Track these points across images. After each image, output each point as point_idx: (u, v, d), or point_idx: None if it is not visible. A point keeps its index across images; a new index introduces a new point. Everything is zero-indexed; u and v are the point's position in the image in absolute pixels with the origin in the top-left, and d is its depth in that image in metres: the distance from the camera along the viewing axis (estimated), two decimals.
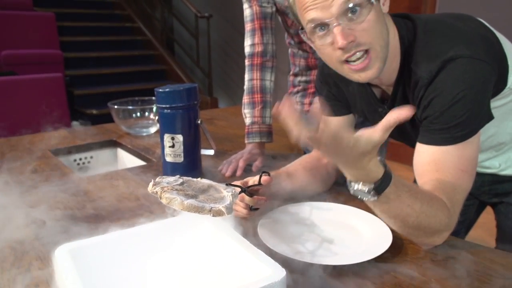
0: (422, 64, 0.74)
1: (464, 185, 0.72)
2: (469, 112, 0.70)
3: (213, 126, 1.74)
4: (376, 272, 0.67)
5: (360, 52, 0.72)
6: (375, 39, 0.72)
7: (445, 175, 0.72)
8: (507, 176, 0.96)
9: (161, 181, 0.65)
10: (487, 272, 0.67)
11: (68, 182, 1.10)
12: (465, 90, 0.69)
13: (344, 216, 0.84)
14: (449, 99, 0.70)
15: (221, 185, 0.70)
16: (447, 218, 0.69)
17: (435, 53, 0.72)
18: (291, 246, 0.74)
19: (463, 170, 0.72)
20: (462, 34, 0.74)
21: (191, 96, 1.06)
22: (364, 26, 0.71)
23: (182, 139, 1.06)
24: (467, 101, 0.70)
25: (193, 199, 0.60)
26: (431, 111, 0.73)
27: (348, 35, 0.70)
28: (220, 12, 4.98)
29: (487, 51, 0.73)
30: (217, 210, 0.59)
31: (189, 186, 0.66)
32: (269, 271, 0.53)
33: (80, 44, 4.58)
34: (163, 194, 0.61)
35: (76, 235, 0.78)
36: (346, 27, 0.70)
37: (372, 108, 0.90)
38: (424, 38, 0.76)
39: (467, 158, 0.72)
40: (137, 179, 1.12)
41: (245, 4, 1.27)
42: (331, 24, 0.71)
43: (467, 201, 1.09)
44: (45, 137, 1.57)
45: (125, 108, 1.59)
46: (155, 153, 1.37)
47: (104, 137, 1.58)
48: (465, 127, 0.71)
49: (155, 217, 0.89)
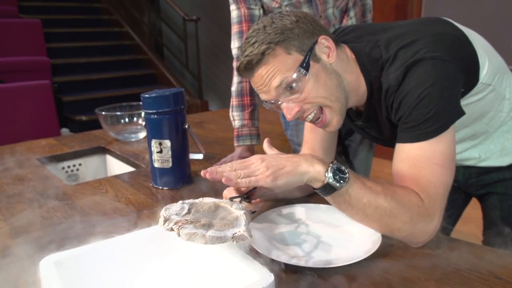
0: (390, 76, 0.77)
1: (442, 179, 0.73)
2: (436, 108, 0.72)
3: (203, 129, 1.73)
4: (366, 272, 0.67)
5: (312, 113, 0.80)
6: (321, 99, 0.79)
7: (418, 170, 0.73)
8: (490, 167, 0.98)
9: (169, 214, 0.63)
10: (476, 269, 0.67)
11: (55, 191, 1.09)
12: (428, 88, 0.72)
13: (333, 217, 0.84)
14: (414, 98, 0.73)
15: (227, 202, 0.69)
16: (417, 208, 0.70)
17: (400, 63, 0.76)
18: (280, 249, 0.73)
19: (438, 164, 0.73)
20: (424, 38, 0.77)
21: (178, 101, 1.05)
22: (305, 95, 0.78)
23: (170, 144, 1.05)
24: (432, 97, 0.72)
25: (212, 229, 0.59)
26: (401, 112, 0.76)
27: (292, 109, 0.79)
28: (208, 15, 4.97)
29: (451, 51, 0.76)
30: (239, 236, 0.58)
31: (198, 212, 0.64)
32: (256, 276, 0.52)
33: (67, 50, 4.53)
34: (181, 231, 0.58)
35: (62, 245, 0.77)
36: (290, 101, 0.79)
37: (349, 120, 0.96)
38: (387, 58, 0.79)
39: (441, 152, 0.73)
40: (126, 186, 1.11)
41: (232, 6, 1.26)
42: (277, 103, 0.80)
43: (455, 195, 1.12)
44: (32, 145, 1.56)
45: (113, 114, 1.58)
46: (144, 158, 1.36)
47: (92, 144, 1.57)
48: (435, 123, 0.73)
49: (144, 224, 0.88)
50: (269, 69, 0.76)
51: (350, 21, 1.24)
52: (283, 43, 0.75)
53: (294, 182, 0.70)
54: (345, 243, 0.76)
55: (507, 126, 0.93)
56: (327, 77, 0.79)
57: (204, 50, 5.00)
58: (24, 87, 2.79)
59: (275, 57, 0.76)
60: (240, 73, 0.81)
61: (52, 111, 2.91)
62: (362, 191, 0.71)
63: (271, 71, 0.76)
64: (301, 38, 0.77)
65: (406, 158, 0.76)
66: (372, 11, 1.30)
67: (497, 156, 0.96)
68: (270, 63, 0.76)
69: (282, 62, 0.76)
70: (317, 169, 0.69)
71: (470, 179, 1.04)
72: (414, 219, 0.71)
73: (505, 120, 0.92)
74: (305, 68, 0.76)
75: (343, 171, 0.70)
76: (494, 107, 0.89)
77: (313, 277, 0.66)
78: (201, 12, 4.95)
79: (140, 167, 1.30)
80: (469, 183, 1.05)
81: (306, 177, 0.70)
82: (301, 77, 0.76)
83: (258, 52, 0.75)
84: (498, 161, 0.97)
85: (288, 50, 0.76)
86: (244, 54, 0.78)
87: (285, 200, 0.92)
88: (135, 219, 0.91)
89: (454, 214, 1.17)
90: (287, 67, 0.76)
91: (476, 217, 1.10)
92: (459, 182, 1.07)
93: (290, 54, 0.76)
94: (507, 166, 0.97)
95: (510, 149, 0.95)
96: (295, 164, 0.69)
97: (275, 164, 0.69)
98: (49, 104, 2.89)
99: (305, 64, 0.76)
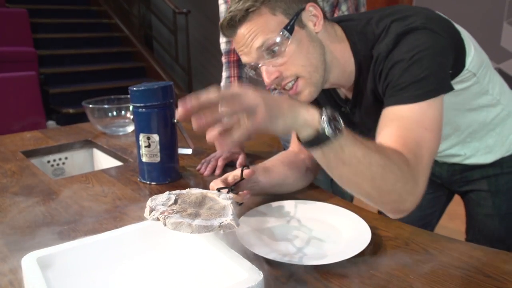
0: (379, 45, 0.77)
1: (429, 144, 0.70)
2: (427, 71, 0.71)
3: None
4: (355, 269, 0.67)
5: (290, 82, 0.79)
6: (300, 68, 0.77)
7: (407, 131, 0.70)
8: (474, 164, 0.99)
9: (155, 204, 0.62)
10: (464, 267, 0.67)
11: (40, 185, 1.06)
12: (421, 52, 0.71)
13: (323, 214, 0.84)
14: (407, 61, 0.72)
15: (214, 192, 0.68)
16: (406, 167, 0.66)
17: (392, 34, 0.75)
18: (270, 247, 0.73)
19: (426, 128, 0.71)
20: (417, 15, 0.76)
21: (167, 95, 1.03)
22: (285, 60, 0.76)
23: (158, 138, 1.03)
24: (424, 60, 0.71)
25: (199, 219, 0.58)
26: (391, 77, 0.74)
27: (272, 73, 0.77)
28: (198, 8, 4.93)
29: (442, 28, 0.76)
30: (226, 224, 0.57)
31: (185, 202, 0.63)
32: (245, 274, 0.51)
33: (55, 41, 4.46)
34: (167, 221, 0.57)
35: (46, 242, 0.75)
36: (270, 65, 0.77)
37: (336, 108, 0.93)
38: (380, 33, 0.78)
39: (430, 117, 0.71)
40: (113, 181, 1.09)
41: (220, 0, 1.25)
42: (257, 65, 0.78)
43: (438, 191, 1.13)
44: (16, 138, 1.52)
45: (100, 107, 1.55)
46: (132, 153, 1.34)
47: (79, 137, 1.54)
48: (426, 85, 0.71)
49: (130, 220, 0.86)
50: (252, 28, 0.75)
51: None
52: (269, 3, 0.75)
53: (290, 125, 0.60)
54: (334, 240, 0.76)
55: (491, 124, 0.94)
56: (311, 45, 0.78)
57: (194, 43, 4.95)
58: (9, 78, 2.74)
59: (259, 15, 0.75)
60: (223, 32, 0.80)
61: (38, 103, 2.86)
62: (357, 145, 0.63)
63: (254, 31, 0.75)
64: (288, 1, 0.76)
65: (394, 118, 0.73)
66: (365, 5, 1.30)
67: (482, 154, 0.97)
68: (253, 22, 0.75)
69: (266, 23, 0.75)
70: (311, 111, 0.60)
71: (454, 175, 1.05)
72: (404, 178, 0.66)
73: (489, 117, 0.93)
74: (289, 31, 0.75)
75: (337, 118, 0.60)
76: (476, 101, 0.89)
77: (302, 275, 0.65)
78: (191, 5, 4.90)
79: (128, 162, 1.28)
80: (453, 179, 1.06)
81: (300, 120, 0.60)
82: (284, 41, 0.75)
83: (243, 8, 0.74)
84: (482, 158, 0.98)
85: (274, 11, 0.75)
86: (228, 11, 0.76)
87: (271, 196, 0.91)
88: (121, 215, 0.89)
89: (438, 211, 1.18)
90: (270, 28, 0.75)
91: (462, 213, 1.11)
92: (443, 179, 1.07)
93: (275, 16, 0.75)
94: (490, 163, 0.98)
95: (494, 146, 0.96)
96: (290, 102, 0.60)
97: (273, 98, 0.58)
98: (35, 96, 2.84)
99: (289, 27, 0.75)
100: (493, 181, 1.00)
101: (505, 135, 0.95)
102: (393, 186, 0.66)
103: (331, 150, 0.62)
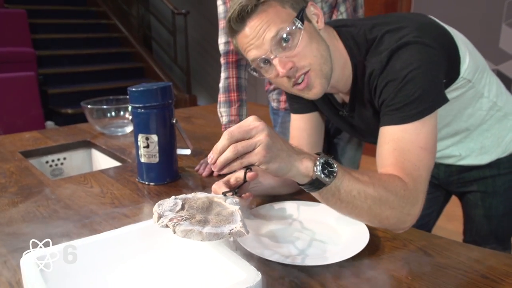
0: (374, 59, 0.77)
1: (425, 162, 0.73)
2: (421, 90, 0.72)
3: (191, 124, 1.71)
4: (353, 270, 0.67)
5: (303, 75, 0.78)
6: (313, 58, 0.77)
7: (403, 153, 0.73)
8: (470, 165, 0.99)
9: (162, 210, 0.61)
10: (463, 268, 0.67)
11: (38, 186, 1.06)
12: (413, 70, 0.72)
13: (321, 215, 0.84)
14: (400, 80, 0.73)
15: (220, 196, 0.68)
16: (403, 191, 0.70)
17: (385, 47, 0.76)
18: (268, 247, 0.73)
19: (422, 147, 0.73)
20: (409, 26, 0.77)
21: (166, 95, 1.03)
22: (299, 51, 0.76)
23: (157, 139, 1.03)
24: (417, 79, 0.72)
25: (208, 226, 0.57)
26: (386, 95, 0.75)
27: (286, 63, 0.76)
28: (197, 8, 4.93)
29: (435, 39, 0.77)
30: (236, 232, 0.57)
31: (192, 207, 0.62)
32: (244, 275, 0.52)
33: (54, 42, 4.45)
34: (177, 228, 0.56)
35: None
36: (283, 56, 0.76)
37: (334, 111, 0.94)
38: (372, 40, 0.79)
39: (425, 136, 0.73)
40: (112, 181, 1.09)
41: (219, 1, 1.25)
42: (269, 58, 0.77)
43: (435, 192, 1.13)
44: (15, 138, 1.52)
45: (99, 107, 1.55)
46: (131, 153, 1.34)
47: (77, 138, 1.54)
48: (420, 104, 0.73)
49: (129, 220, 0.86)
50: (264, 19, 0.74)
51: (341, 16, 1.23)
52: None
53: (284, 171, 0.64)
54: (332, 241, 0.76)
55: (486, 125, 0.94)
56: (318, 38, 0.79)
57: (193, 44, 4.96)
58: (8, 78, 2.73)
59: (270, 6, 0.75)
60: (230, 25, 0.78)
61: (37, 104, 2.86)
62: (351, 183, 0.68)
63: (266, 21, 0.74)
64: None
65: (390, 140, 0.75)
66: (363, 6, 1.30)
67: (477, 154, 0.98)
68: (265, 13, 0.74)
69: (277, 14, 0.75)
70: (305, 164, 0.65)
71: (451, 176, 1.05)
72: (401, 203, 0.70)
73: (484, 118, 0.93)
74: (301, 20, 0.75)
75: (331, 164, 0.66)
76: (471, 104, 0.90)
77: (300, 275, 0.65)
78: (190, 5, 4.90)
79: (126, 162, 1.29)
80: (450, 180, 1.06)
81: (294, 170, 0.64)
82: (297, 30, 0.75)
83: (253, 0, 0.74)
84: (477, 159, 0.98)
85: (283, 4, 0.75)
86: (238, 2, 0.75)
87: (271, 197, 0.91)
88: (120, 215, 0.89)
89: (435, 212, 1.19)
90: (282, 19, 0.75)
91: (460, 214, 1.12)
92: (440, 180, 1.08)
93: (285, 9, 0.75)
94: (486, 164, 0.98)
95: (489, 147, 0.96)
96: (289, 152, 0.64)
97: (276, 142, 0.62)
98: (34, 96, 2.84)
99: (301, 18, 0.75)
100: (490, 182, 1.00)
101: (501, 136, 0.96)
102: (391, 213, 0.71)
103: (328, 192, 0.67)
